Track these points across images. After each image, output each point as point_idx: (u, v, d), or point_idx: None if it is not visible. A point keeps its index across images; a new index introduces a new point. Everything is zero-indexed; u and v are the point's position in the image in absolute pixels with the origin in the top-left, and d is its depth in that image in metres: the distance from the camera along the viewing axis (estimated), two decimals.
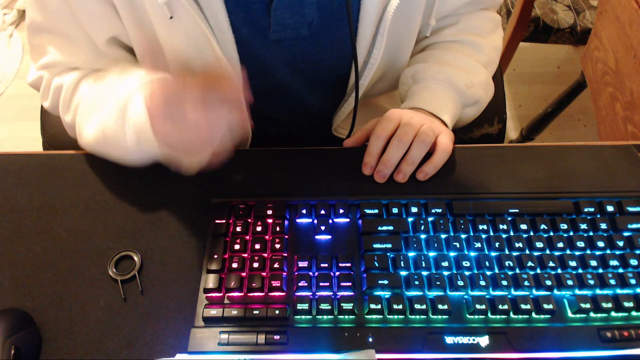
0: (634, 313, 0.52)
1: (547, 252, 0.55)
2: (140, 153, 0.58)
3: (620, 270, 0.54)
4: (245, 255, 0.55)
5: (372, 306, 0.51)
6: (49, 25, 0.62)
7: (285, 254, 0.56)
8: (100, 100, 0.60)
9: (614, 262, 0.54)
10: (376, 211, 0.58)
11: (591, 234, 0.56)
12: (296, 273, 0.54)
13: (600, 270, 0.54)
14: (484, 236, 0.56)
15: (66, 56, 0.64)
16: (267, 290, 0.53)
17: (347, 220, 0.58)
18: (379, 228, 0.57)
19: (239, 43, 0.62)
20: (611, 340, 0.50)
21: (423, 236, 0.56)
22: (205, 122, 0.49)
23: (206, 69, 0.61)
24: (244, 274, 0.54)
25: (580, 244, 0.55)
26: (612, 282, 0.53)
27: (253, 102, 0.53)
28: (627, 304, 0.51)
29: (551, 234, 0.56)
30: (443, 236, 0.56)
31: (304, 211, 0.58)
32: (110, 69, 0.64)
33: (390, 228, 0.56)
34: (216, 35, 0.60)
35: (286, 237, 0.57)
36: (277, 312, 0.51)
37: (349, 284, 0.53)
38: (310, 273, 0.54)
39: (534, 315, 0.51)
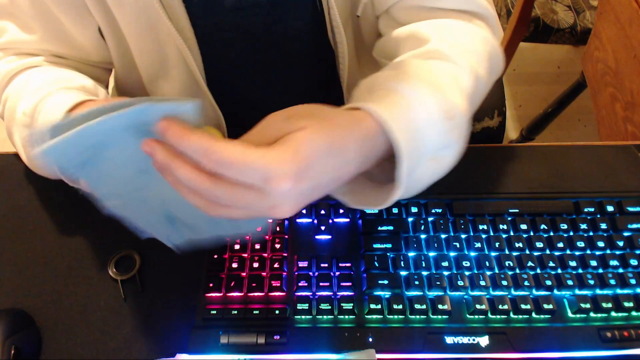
0: (634, 313, 0.52)
1: (547, 252, 0.55)
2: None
3: (620, 270, 0.54)
4: (245, 255, 0.55)
5: (372, 306, 0.51)
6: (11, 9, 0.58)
7: (285, 254, 0.56)
8: (15, 106, 0.55)
9: (614, 262, 0.54)
10: (376, 211, 0.58)
11: (591, 234, 0.56)
12: (296, 273, 0.54)
13: (600, 270, 0.54)
14: (484, 236, 0.56)
15: (21, 35, 0.60)
16: (267, 290, 0.53)
17: (347, 220, 0.58)
18: (379, 228, 0.56)
19: (192, 14, 0.58)
20: (611, 340, 0.50)
21: (423, 236, 0.56)
22: None
23: None
24: (244, 274, 0.54)
25: (580, 244, 0.55)
26: (612, 282, 0.53)
27: (224, 82, 0.47)
28: (627, 304, 0.51)
29: (551, 234, 0.56)
30: (443, 236, 0.56)
31: (304, 211, 0.58)
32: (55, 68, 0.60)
33: (390, 228, 0.56)
34: (164, 5, 0.56)
35: (286, 237, 0.57)
36: (277, 312, 0.51)
37: (349, 284, 0.53)
38: (310, 273, 0.54)
39: (534, 315, 0.51)
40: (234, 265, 0.54)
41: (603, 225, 0.57)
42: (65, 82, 0.56)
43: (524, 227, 0.56)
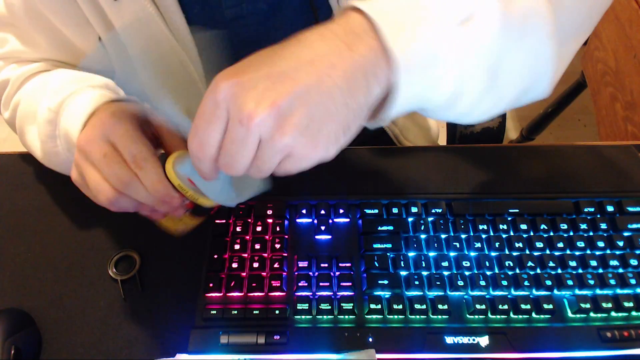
0: (634, 313, 0.52)
1: (547, 252, 0.55)
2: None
3: (620, 270, 0.54)
4: (246, 255, 0.55)
5: (372, 306, 0.51)
6: (11, 20, 0.59)
7: (285, 254, 0.56)
8: (35, 104, 0.55)
9: (614, 262, 0.54)
10: (376, 211, 0.58)
11: (591, 234, 0.56)
12: (296, 273, 0.54)
13: (600, 270, 0.54)
14: (484, 236, 0.56)
15: (23, 46, 0.60)
16: (267, 290, 0.53)
17: (347, 220, 0.58)
18: (379, 228, 0.56)
19: (193, 25, 0.58)
20: (611, 340, 0.50)
21: (423, 236, 0.56)
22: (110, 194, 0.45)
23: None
24: (244, 274, 0.54)
25: (580, 244, 0.55)
26: (612, 282, 0.53)
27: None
28: (627, 304, 0.51)
29: (551, 234, 0.56)
30: (443, 236, 0.56)
31: (304, 211, 0.58)
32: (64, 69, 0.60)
33: (391, 228, 0.56)
34: (165, 16, 0.56)
35: (286, 237, 0.57)
36: (277, 312, 0.51)
37: (349, 284, 0.53)
38: (310, 273, 0.54)
39: (534, 315, 0.51)
40: (234, 265, 0.54)
41: (603, 225, 0.57)
42: (90, 81, 0.55)
43: (524, 227, 0.56)
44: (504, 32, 0.38)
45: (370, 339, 0.50)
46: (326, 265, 0.54)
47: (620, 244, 0.55)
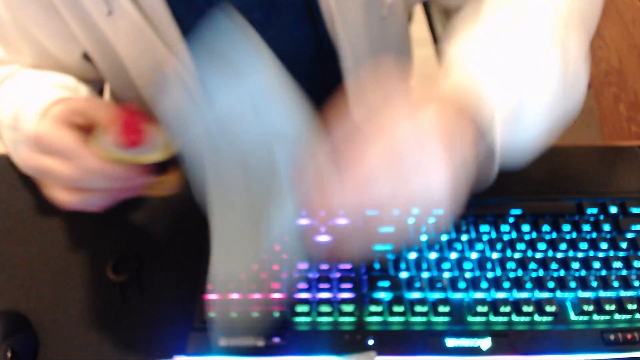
0: (637, 315, 0.51)
1: (550, 253, 0.55)
2: None
3: (624, 272, 0.53)
4: None
5: (373, 308, 0.51)
6: None
7: (285, 256, 0.55)
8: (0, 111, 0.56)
9: (617, 264, 0.54)
10: (377, 212, 0.57)
11: (594, 235, 0.56)
12: (296, 275, 0.54)
13: (604, 272, 0.53)
14: (485, 238, 0.56)
15: (10, 56, 0.61)
16: (266, 293, 0.52)
17: (348, 221, 0.58)
18: (380, 229, 0.56)
19: (186, 34, 0.58)
20: (614, 343, 0.49)
21: (424, 238, 0.56)
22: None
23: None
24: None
25: (583, 245, 0.55)
26: (615, 284, 0.52)
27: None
28: (630, 306, 0.51)
29: (554, 235, 0.56)
30: (444, 238, 0.56)
31: (303, 212, 0.58)
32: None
33: (391, 229, 0.56)
34: (159, 28, 0.56)
35: (285, 238, 0.56)
36: (276, 314, 0.51)
37: (350, 286, 0.53)
38: (310, 275, 0.54)
39: (536, 317, 0.51)
40: None
41: (606, 227, 0.56)
42: (47, 81, 0.56)
43: (526, 228, 0.56)
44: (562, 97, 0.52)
45: (371, 342, 0.50)
46: (326, 267, 0.54)
47: (624, 245, 0.55)
